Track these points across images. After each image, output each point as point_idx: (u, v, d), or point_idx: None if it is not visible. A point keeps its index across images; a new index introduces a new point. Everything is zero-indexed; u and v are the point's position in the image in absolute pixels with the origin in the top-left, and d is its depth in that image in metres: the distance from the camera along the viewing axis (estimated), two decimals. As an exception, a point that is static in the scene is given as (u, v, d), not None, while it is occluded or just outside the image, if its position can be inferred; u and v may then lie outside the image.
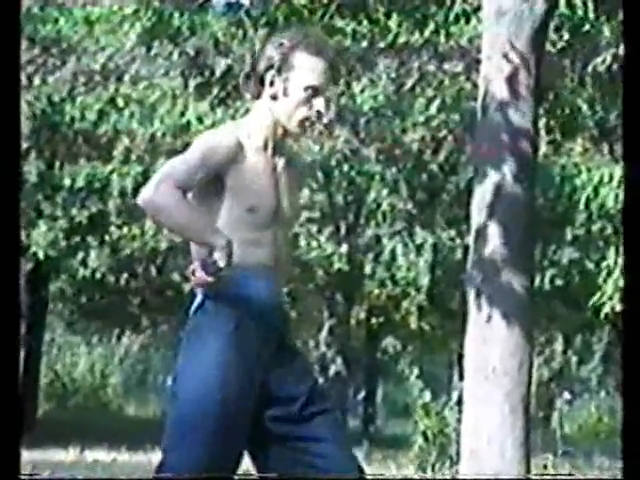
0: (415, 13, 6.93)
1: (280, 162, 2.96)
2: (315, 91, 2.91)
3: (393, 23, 7.08)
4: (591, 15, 7.14)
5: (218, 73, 8.90)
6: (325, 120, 3.15)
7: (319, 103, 2.91)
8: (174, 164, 2.84)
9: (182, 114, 10.44)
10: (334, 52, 2.98)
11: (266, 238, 2.88)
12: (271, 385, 2.87)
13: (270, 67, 2.91)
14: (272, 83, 2.92)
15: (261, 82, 2.93)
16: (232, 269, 2.80)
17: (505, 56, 5.47)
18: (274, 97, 2.92)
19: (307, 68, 2.90)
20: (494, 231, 5.59)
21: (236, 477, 2.89)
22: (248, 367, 2.83)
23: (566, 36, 7.70)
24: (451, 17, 7.05)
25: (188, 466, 2.79)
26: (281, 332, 2.92)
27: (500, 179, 5.59)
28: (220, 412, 2.78)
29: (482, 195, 5.63)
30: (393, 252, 12.09)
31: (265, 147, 2.93)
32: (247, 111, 3.14)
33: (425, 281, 11.98)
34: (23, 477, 3.24)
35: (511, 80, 5.57)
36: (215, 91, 8.83)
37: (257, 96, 2.95)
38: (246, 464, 2.99)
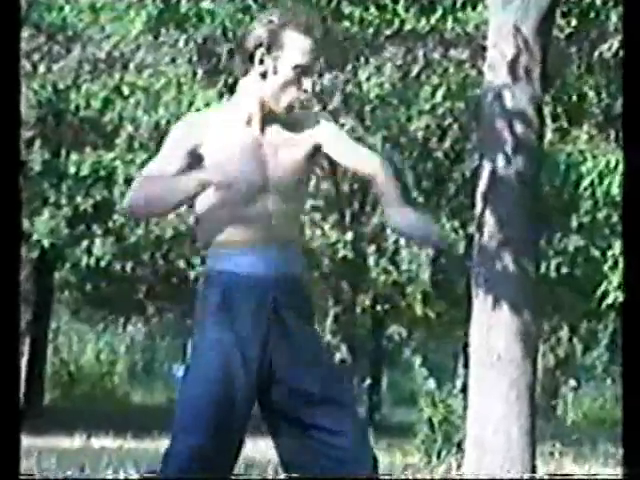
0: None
1: (269, 138, 2.92)
2: (304, 70, 2.89)
3: (400, 9, 7.06)
4: (598, 1, 7.11)
5: (225, 60, 8.88)
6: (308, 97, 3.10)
7: (307, 82, 2.90)
8: (148, 165, 2.91)
9: (190, 103, 10.43)
10: (322, 30, 2.96)
11: (251, 214, 2.87)
12: (279, 366, 2.86)
13: (259, 45, 2.88)
14: (261, 61, 2.90)
15: (250, 59, 2.91)
16: (217, 247, 2.86)
17: (512, 41, 5.46)
18: (263, 75, 2.90)
19: (297, 47, 2.88)
20: (499, 219, 5.58)
21: (236, 478, 2.91)
22: (240, 343, 2.83)
23: (573, 22, 7.68)
24: (458, 4, 7.03)
25: (192, 450, 2.80)
26: (280, 309, 2.88)
27: (505, 167, 5.58)
28: (217, 389, 2.80)
29: (487, 183, 5.62)
30: (397, 241, 12.08)
31: (248, 122, 2.91)
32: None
33: (428, 269, 11.97)
34: (23, 477, 3.25)
35: (516, 67, 5.55)
36: (223, 78, 8.82)
37: (244, 73, 2.93)
38: (250, 451, 3.00)
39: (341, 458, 2.84)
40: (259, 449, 7.37)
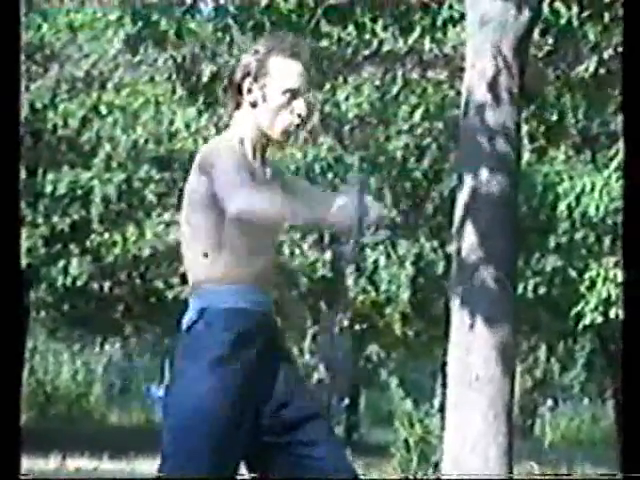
0: (401, 20, 6.94)
1: (267, 171, 2.93)
2: (294, 94, 2.89)
3: (379, 29, 7.08)
4: (575, 21, 7.16)
5: (205, 79, 8.90)
6: (307, 124, 3.08)
7: (299, 105, 2.89)
8: (229, 178, 2.76)
9: (171, 121, 10.43)
10: (309, 53, 2.96)
11: (256, 248, 2.85)
12: (262, 395, 2.86)
13: (247, 75, 2.89)
14: (250, 90, 2.89)
15: (239, 91, 2.90)
16: (224, 283, 2.81)
17: (490, 61, 5.48)
18: (254, 104, 2.89)
19: (283, 72, 2.88)
20: (477, 239, 5.59)
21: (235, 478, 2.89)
22: (245, 382, 2.82)
23: (550, 42, 7.72)
24: (436, 24, 7.06)
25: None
26: (272, 339, 2.91)
27: (483, 187, 5.60)
28: (215, 428, 2.77)
29: (465, 203, 5.63)
30: (376, 261, 12.09)
31: (254, 156, 2.90)
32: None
33: (407, 289, 11.99)
34: (23, 478, 3.23)
35: (494, 87, 5.58)
36: (202, 97, 8.83)
37: (237, 106, 2.92)
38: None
39: (321, 468, 2.83)
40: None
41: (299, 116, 2.89)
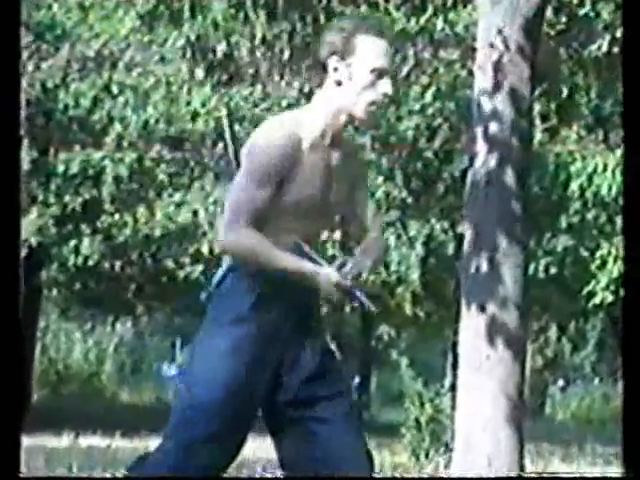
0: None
1: (335, 154, 2.93)
2: (380, 73, 2.89)
3: (391, 7, 7.06)
4: (588, 0, 7.13)
5: (219, 56, 8.87)
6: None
7: (385, 84, 2.90)
8: (238, 199, 2.82)
9: (182, 101, 10.42)
10: (393, 33, 2.99)
11: (303, 226, 2.90)
12: (287, 364, 2.89)
13: (333, 53, 2.89)
14: (336, 69, 2.90)
15: (324, 69, 2.91)
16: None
17: (493, 44, 5.47)
18: (339, 83, 2.90)
19: (370, 50, 2.89)
20: (488, 219, 5.59)
21: (233, 477, 2.91)
22: (266, 341, 2.85)
23: (563, 21, 7.69)
24: (448, 4, 7.04)
25: (191, 447, 2.80)
26: (305, 309, 2.93)
27: (494, 167, 5.59)
28: (238, 380, 2.81)
29: (476, 183, 5.63)
30: (386, 241, 12.08)
31: (322, 137, 2.90)
32: (249, 94, 3.10)
33: (417, 270, 11.99)
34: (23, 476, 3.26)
35: (505, 67, 5.56)
36: (216, 75, 8.81)
37: (320, 84, 2.93)
38: (248, 452, 3.00)
39: (324, 449, 2.84)
40: (248, 447, 7.35)
41: (384, 95, 2.90)
